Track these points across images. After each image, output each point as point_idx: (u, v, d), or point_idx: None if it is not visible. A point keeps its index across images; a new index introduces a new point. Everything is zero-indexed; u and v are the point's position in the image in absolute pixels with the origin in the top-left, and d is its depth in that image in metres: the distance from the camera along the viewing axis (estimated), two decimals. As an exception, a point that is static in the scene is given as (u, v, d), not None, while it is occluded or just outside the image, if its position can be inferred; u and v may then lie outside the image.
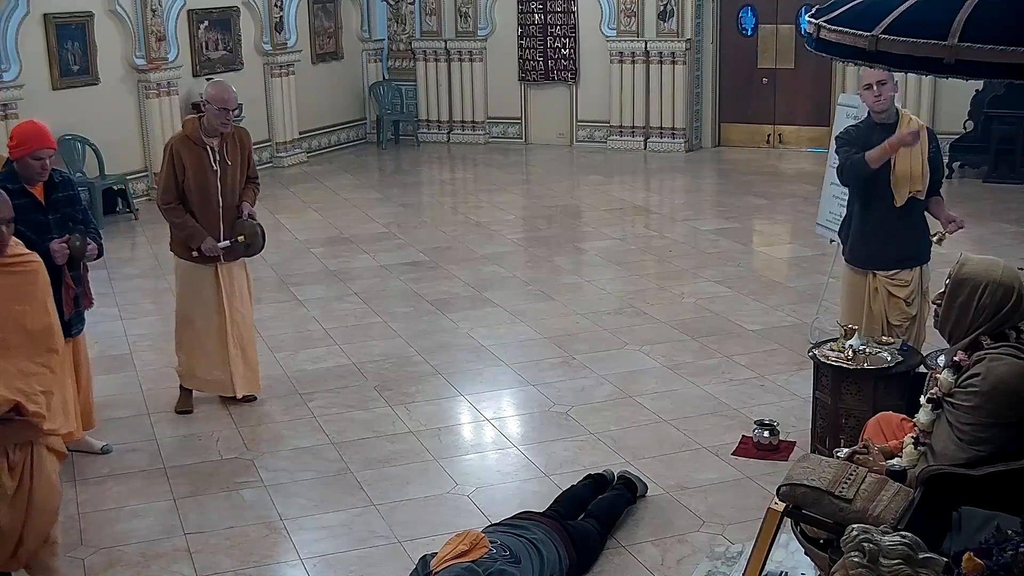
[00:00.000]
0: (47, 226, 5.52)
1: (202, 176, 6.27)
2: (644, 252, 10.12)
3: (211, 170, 6.28)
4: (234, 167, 6.38)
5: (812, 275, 9.00)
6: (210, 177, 6.29)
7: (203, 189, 6.29)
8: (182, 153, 6.23)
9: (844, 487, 3.79)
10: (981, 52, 2.99)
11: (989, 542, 3.17)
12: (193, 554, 5.03)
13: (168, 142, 6.39)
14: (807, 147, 14.65)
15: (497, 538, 4.52)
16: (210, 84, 6.47)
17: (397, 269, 9.62)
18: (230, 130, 6.35)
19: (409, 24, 16.16)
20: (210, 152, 6.27)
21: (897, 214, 5.80)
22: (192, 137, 6.26)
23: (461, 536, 4.43)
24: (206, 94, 6.31)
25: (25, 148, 5.45)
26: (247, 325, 6.65)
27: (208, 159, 6.27)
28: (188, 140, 6.26)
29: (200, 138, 6.26)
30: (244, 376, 6.61)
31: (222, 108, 6.20)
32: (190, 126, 6.33)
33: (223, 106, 6.20)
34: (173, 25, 12.77)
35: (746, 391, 6.71)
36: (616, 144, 15.07)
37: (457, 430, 6.41)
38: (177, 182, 6.26)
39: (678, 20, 14.50)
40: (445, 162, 15.30)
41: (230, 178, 6.37)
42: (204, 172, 6.27)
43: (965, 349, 3.85)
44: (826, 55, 3.56)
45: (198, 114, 6.46)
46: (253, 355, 6.70)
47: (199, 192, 6.28)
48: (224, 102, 6.21)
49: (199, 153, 6.25)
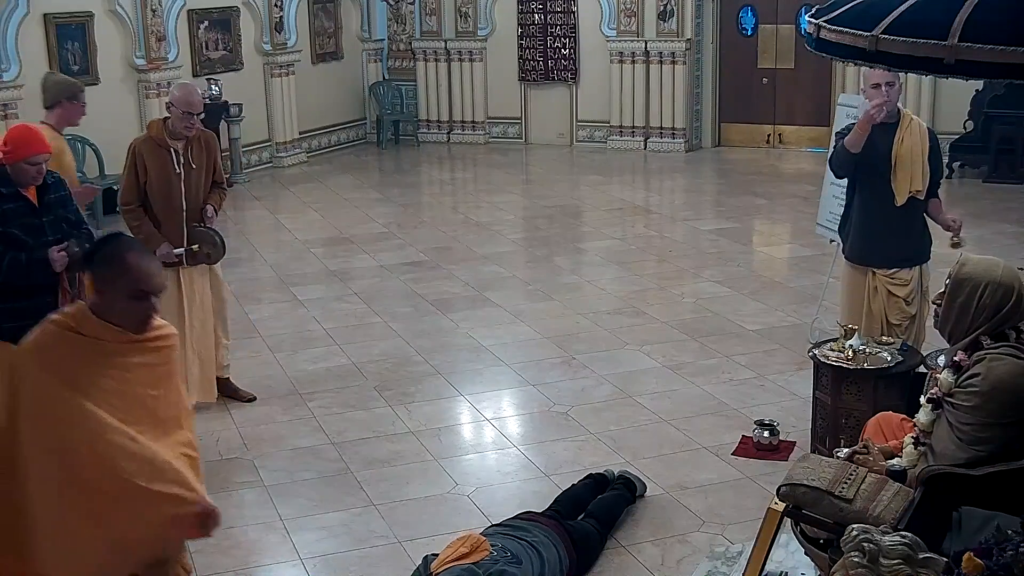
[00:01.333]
0: (41, 228, 5.47)
1: (165, 179, 6.20)
2: (644, 252, 10.12)
3: (174, 173, 6.21)
4: (199, 171, 6.31)
5: (812, 275, 9.00)
6: (173, 180, 6.22)
7: (166, 192, 6.22)
8: (145, 154, 6.17)
9: (844, 487, 3.79)
10: (981, 52, 2.99)
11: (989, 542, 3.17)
12: (193, 554, 5.02)
13: (132, 143, 6.31)
14: (807, 147, 14.65)
15: (497, 541, 4.52)
16: (176, 86, 6.42)
17: (397, 269, 9.62)
18: (195, 134, 6.28)
19: (409, 24, 16.16)
20: (174, 155, 6.20)
21: (898, 213, 5.80)
22: (156, 139, 6.20)
23: (462, 539, 4.43)
24: (171, 96, 6.25)
25: (19, 154, 5.37)
26: (206, 332, 6.50)
27: (172, 161, 6.20)
28: (152, 141, 6.20)
29: (164, 140, 6.19)
30: (199, 383, 6.46)
31: (186, 112, 6.13)
32: (155, 128, 6.27)
33: (188, 109, 6.13)
34: (173, 25, 12.77)
35: (746, 391, 6.71)
36: (616, 144, 15.06)
37: (457, 430, 6.41)
38: (139, 184, 6.20)
39: (678, 20, 14.50)
40: (445, 162, 15.30)
41: (194, 182, 6.29)
42: (167, 174, 6.20)
43: (965, 349, 3.85)
44: (826, 55, 3.56)
45: (163, 116, 6.41)
46: (210, 363, 6.55)
47: (161, 195, 6.22)
48: (189, 105, 6.14)
49: (162, 155, 6.19)
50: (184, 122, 6.15)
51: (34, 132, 5.49)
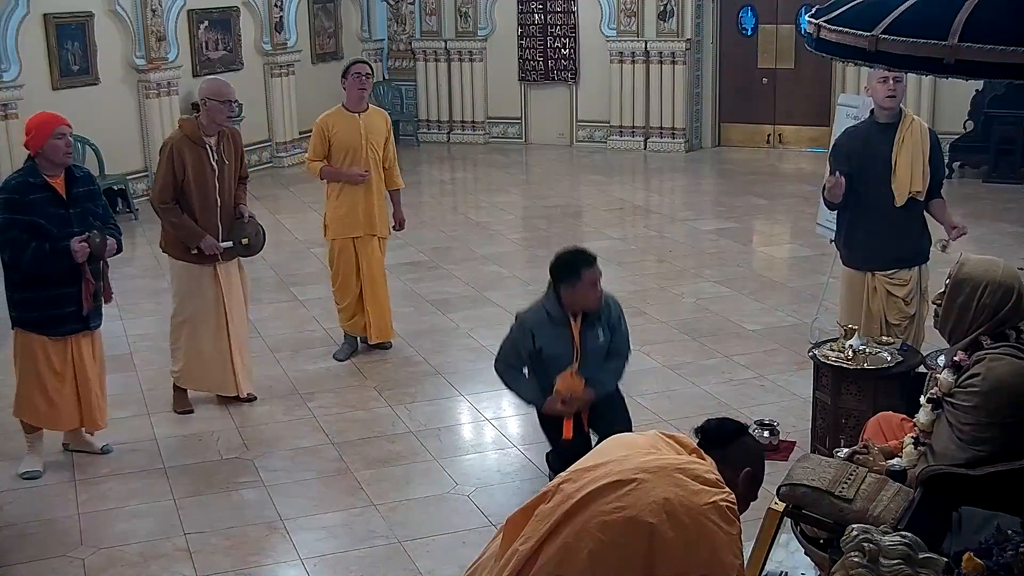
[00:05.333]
0: (68, 220, 5.59)
1: (202, 175, 6.27)
2: (644, 252, 10.12)
3: (210, 169, 6.28)
4: (230, 166, 6.39)
5: (812, 275, 9.00)
6: (209, 176, 6.29)
7: (203, 188, 6.28)
8: (184, 152, 6.23)
9: (844, 487, 3.78)
10: (981, 52, 2.99)
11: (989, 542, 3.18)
12: (193, 554, 5.02)
13: (166, 141, 6.38)
14: (807, 147, 14.65)
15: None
16: (205, 81, 6.52)
17: (397, 269, 9.61)
18: (225, 128, 6.37)
19: (409, 24, 16.16)
20: (209, 151, 6.28)
21: (897, 214, 5.81)
22: (192, 137, 6.26)
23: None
24: (203, 92, 6.31)
25: (44, 131, 5.53)
26: (243, 323, 6.67)
27: (208, 158, 6.27)
28: (188, 140, 6.26)
29: (200, 137, 6.26)
30: (244, 376, 6.63)
31: (225, 101, 6.24)
32: (189, 126, 6.33)
33: (226, 99, 6.25)
34: (173, 25, 12.77)
35: (746, 391, 6.71)
36: (616, 144, 15.06)
37: (457, 430, 6.41)
38: (176, 182, 6.25)
39: (678, 20, 14.50)
40: (445, 162, 15.30)
41: (227, 177, 6.38)
42: (204, 171, 6.27)
43: (965, 349, 3.85)
44: (826, 55, 3.56)
45: (195, 114, 6.47)
46: (247, 355, 6.73)
47: (199, 192, 6.28)
48: (226, 95, 6.26)
49: (199, 152, 6.26)
50: (224, 112, 6.26)
51: (49, 113, 5.73)
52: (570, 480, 3.12)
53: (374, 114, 7.34)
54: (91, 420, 5.93)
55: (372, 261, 7.34)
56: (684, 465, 3.11)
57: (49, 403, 5.77)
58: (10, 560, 5.01)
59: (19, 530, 5.29)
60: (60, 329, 5.70)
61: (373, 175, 7.25)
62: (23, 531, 5.28)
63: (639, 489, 3.00)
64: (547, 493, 3.12)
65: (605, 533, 2.96)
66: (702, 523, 2.98)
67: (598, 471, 3.11)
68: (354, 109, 7.24)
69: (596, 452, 3.35)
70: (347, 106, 7.26)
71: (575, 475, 3.14)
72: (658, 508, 2.96)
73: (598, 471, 3.11)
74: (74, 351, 5.79)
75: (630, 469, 3.07)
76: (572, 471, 3.18)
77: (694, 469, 3.10)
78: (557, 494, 3.09)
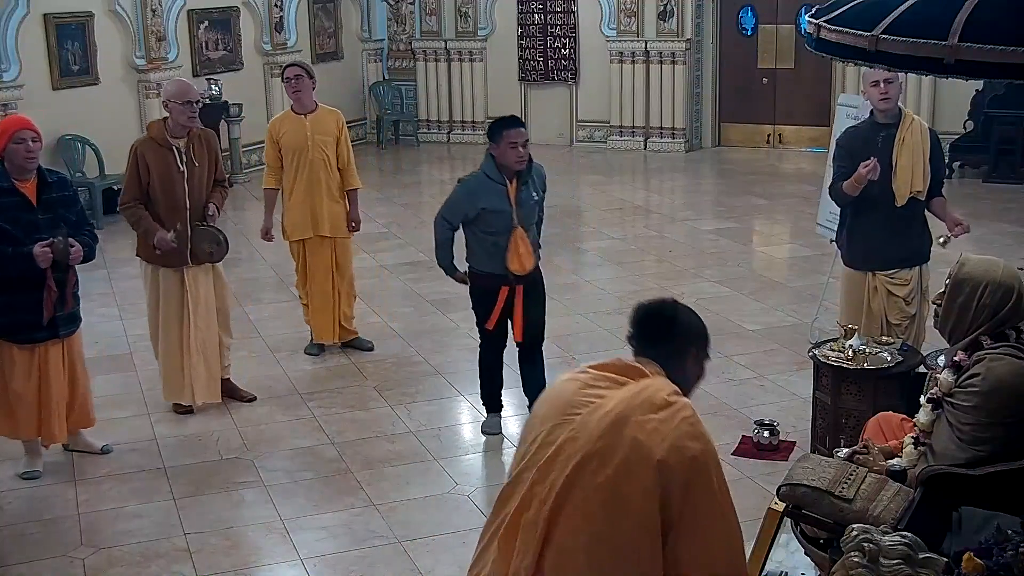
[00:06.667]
0: (36, 226, 5.48)
1: (168, 178, 6.21)
2: (644, 252, 10.12)
3: (177, 171, 6.22)
4: (201, 168, 6.32)
5: (812, 275, 9.00)
6: (176, 178, 6.23)
7: (169, 191, 6.23)
8: (147, 155, 6.18)
9: (844, 487, 3.78)
10: (981, 52, 2.99)
11: (989, 542, 3.18)
12: (193, 554, 5.03)
13: (133, 144, 6.33)
14: (807, 147, 14.65)
15: None
16: (168, 83, 6.48)
17: (397, 269, 9.62)
18: (196, 131, 6.31)
19: (409, 24, 16.16)
20: (176, 153, 6.22)
21: (898, 214, 5.81)
22: (157, 139, 6.22)
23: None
24: (165, 93, 6.28)
25: (5, 135, 5.46)
26: (211, 332, 6.50)
27: (175, 160, 6.21)
28: (153, 142, 6.22)
29: (166, 139, 6.20)
30: (205, 384, 6.48)
31: (186, 102, 6.17)
32: (155, 128, 6.30)
33: (187, 99, 6.18)
34: (173, 25, 12.77)
35: (746, 391, 6.71)
36: (616, 144, 15.06)
37: (457, 430, 6.41)
38: (141, 184, 6.21)
39: (678, 20, 14.50)
40: (445, 162, 15.29)
41: (197, 180, 6.31)
42: (170, 174, 6.21)
43: (965, 349, 3.85)
44: (826, 55, 3.56)
45: (162, 117, 6.42)
46: (215, 363, 6.56)
47: (165, 194, 6.22)
48: (186, 96, 6.18)
49: (164, 155, 6.20)
50: (186, 113, 6.18)
51: (16, 116, 5.72)
52: (538, 482, 2.94)
53: (324, 114, 7.32)
54: (48, 432, 5.76)
55: (317, 263, 7.38)
56: (632, 403, 2.95)
57: (8, 412, 5.66)
58: (10, 560, 5.02)
59: (19, 530, 5.29)
60: (27, 336, 5.56)
61: (322, 175, 7.25)
62: (23, 531, 5.28)
63: (606, 463, 2.85)
64: (524, 500, 2.97)
65: (593, 524, 2.87)
66: (684, 456, 2.99)
67: (557, 459, 2.91)
68: (299, 111, 7.26)
69: (536, 420, 3.05)
70: (293, 108, 7.30)
71: (538, 473, 2.88)
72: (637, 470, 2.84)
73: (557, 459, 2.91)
74: (41, 360, 5.65)
75: (584, 441, 2.88)
76: (527, 466, 2.96)
77: (643, 400, 2.97)
78: (534, 500, 2.95)
